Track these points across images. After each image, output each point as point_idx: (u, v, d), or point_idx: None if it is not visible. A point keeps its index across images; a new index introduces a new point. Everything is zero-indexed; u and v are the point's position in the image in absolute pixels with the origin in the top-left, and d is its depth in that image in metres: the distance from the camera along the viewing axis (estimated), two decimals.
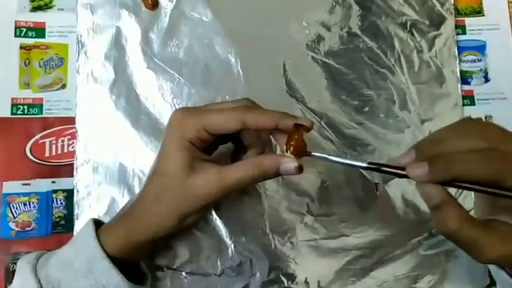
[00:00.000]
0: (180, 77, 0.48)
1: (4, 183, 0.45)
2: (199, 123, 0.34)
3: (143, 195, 0.37)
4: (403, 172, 0.31)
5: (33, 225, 0.45)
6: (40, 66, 0.48)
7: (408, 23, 0.52)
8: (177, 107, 0.48)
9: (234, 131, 0.34)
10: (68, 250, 0.37)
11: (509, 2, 0.54)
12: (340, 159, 0.34)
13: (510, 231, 0.31)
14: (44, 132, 0.47)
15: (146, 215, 0.36)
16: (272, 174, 0.34)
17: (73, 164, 0.46)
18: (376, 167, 0.32)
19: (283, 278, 0.46)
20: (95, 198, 0.45)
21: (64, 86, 0.48)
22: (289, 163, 0.34)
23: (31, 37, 0.48)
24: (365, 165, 0.32)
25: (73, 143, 0.47)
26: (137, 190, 0.46)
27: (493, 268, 0.38)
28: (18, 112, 0.47)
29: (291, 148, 0.33)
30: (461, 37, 0.53)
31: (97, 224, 0.38)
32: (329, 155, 0.34)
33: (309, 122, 0.34)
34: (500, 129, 0.32)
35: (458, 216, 0.30)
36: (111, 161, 0.46)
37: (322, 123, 0.49)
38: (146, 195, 0.36)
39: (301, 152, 0.34)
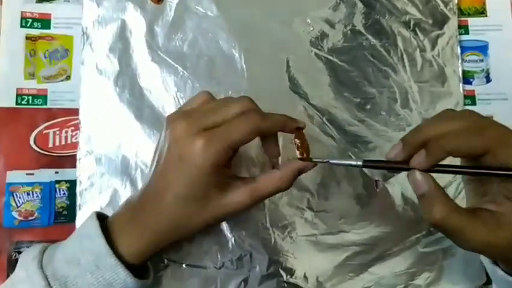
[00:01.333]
0: (184, 71, 0.48)
1: (8, 172, 0.46)
2: (225, 145, 0.34)
3: (174, 216, 0.36)
4: (397, 166, 0.34)
5: (36, 214, 0.46)
6: (45, 57, 0.48)
7: (412, 22, 0.52)
8: (180, 100, 0.48)
9: (251, 140, 0.35)
10: (73, 245, 0.37)
11: None
12: (338, 161, 0.37)
13: (494, 219, 0.31)
14: (48, 123, 0.47)
15: (175, 230, 0.37)
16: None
17: (76, 155, 0.46)
18: (372, 165, 0.35)
19: (282, 272, 0.46)
20: (98, 189, 0.46)
21: (68, 78, 0.48)
22: (308, 167, 0.38)
23: (37, 28, 0.48)
24: (360, 163, 0.35)
25: (77, 134, 0.47)
26: (139, 182, 0.46)
27: (488, 265, 0.38)
28: (23, 102, 0.47)
29: (304, 154, 0.38)
30: (464, 37, 0.53)
31: (100, 217, 0.37)
32: (326, 161, 0.37)
33: (302, 123, 0.38)
34: (476, 112, 0.33)
35: (443, 205, 0.30)
36: (114, 153, 0.46)
37: (324, 119, 0.49)
38: (177, 222, 0.36)
39: (308, 151, 0.38)
